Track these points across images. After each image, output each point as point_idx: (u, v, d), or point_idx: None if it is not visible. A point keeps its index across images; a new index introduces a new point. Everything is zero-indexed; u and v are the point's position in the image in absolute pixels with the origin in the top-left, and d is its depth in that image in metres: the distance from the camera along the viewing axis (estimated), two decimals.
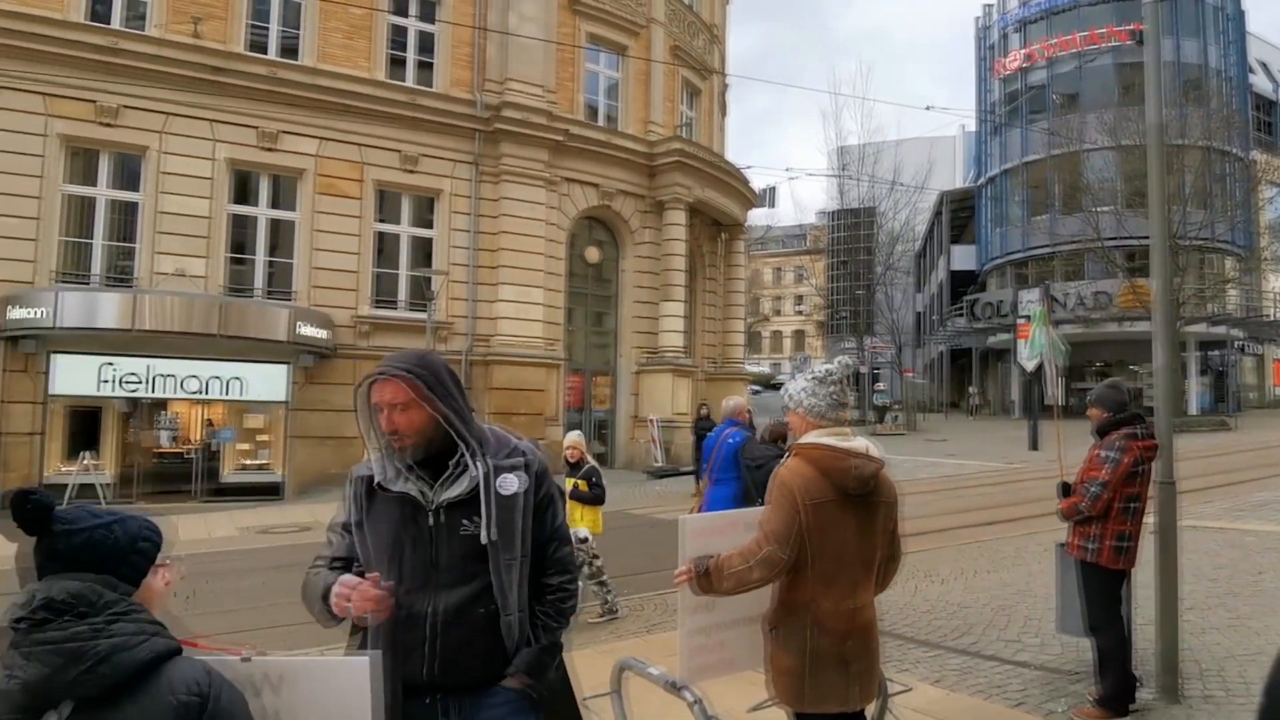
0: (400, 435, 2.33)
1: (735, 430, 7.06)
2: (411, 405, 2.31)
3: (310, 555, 2.57)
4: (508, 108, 20.95)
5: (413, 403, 2.31)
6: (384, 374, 2.34)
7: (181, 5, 18.05)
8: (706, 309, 27.10)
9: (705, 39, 27.59)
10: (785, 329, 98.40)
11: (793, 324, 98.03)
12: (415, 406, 2.32)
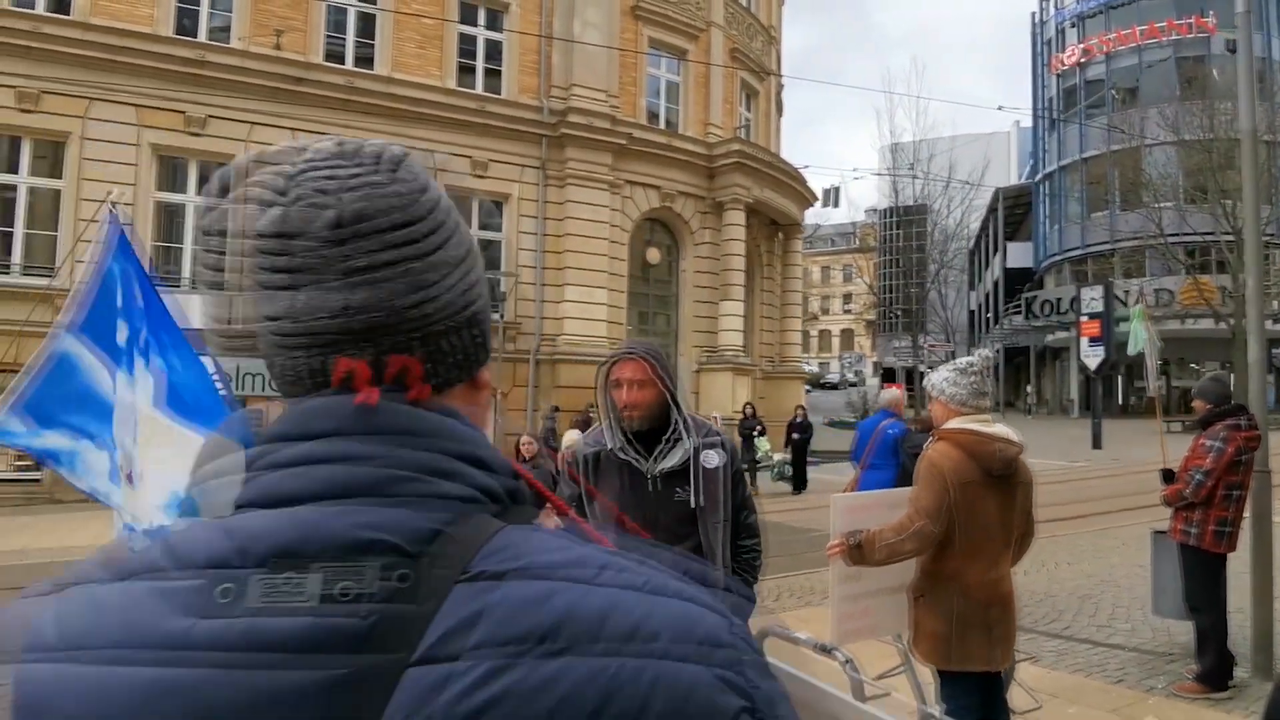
0: (632, 407, 2.77)
1: (893, 421, 7.42)
2: (647, 383, 2.75)
3: None
4: (572, 113, 21.44)
5: (648, 380, 2.74)
6: (629, 354, 2.78)
7: (263, 18, 18.81)
8: (764, 308, 27.35)
9: (763, 40, 27.85)
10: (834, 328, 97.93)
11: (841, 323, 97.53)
12: (650, 384, 2.75)
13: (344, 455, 0.58)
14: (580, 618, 0.52)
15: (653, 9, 23.37)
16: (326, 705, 0.49)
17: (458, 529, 0.56)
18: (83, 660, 0.50)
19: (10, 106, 16.86)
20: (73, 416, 3.46)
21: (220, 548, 0.54)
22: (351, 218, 0.60)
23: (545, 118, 21.48)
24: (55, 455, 3.51)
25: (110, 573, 0.56)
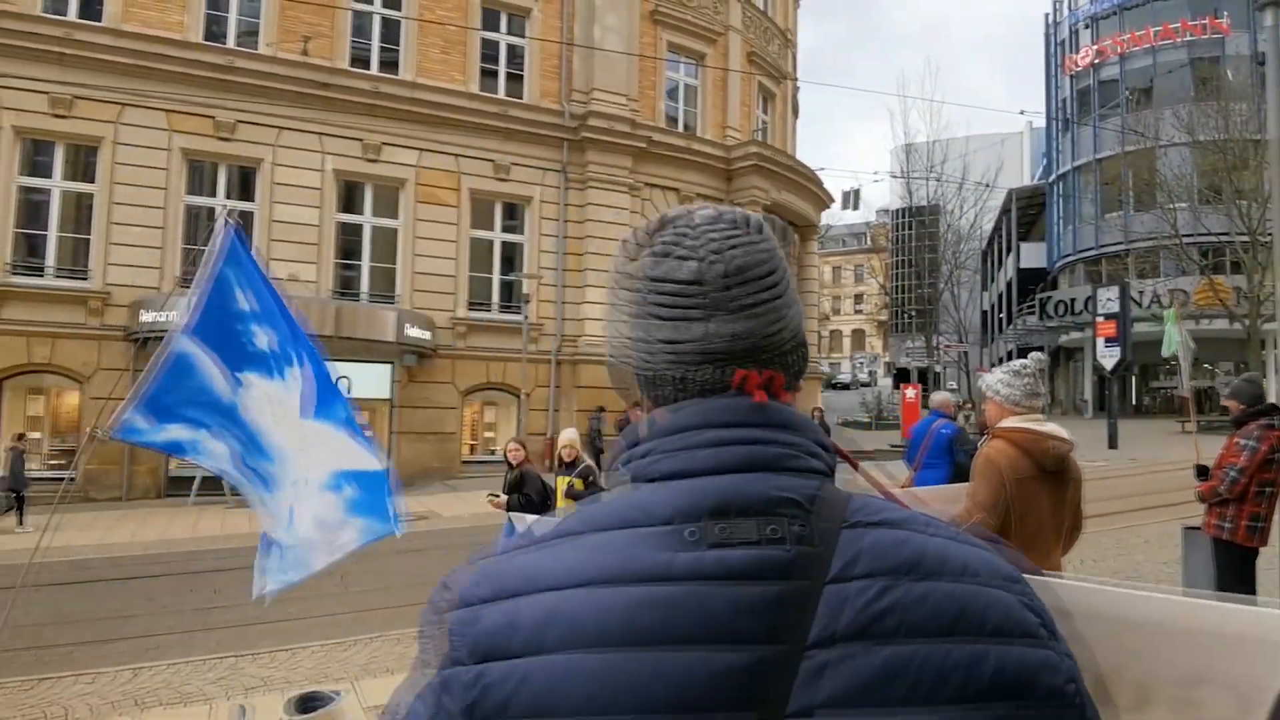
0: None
1: (946, 422, 7.67)
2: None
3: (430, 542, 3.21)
4: (593, 117, 21.69)
5: None
6: None
7: (290, 24, 19.11)
8: None
9: (779, 44, 28.05)
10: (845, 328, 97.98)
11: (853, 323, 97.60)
12: None
13: (750, 439, 0.80)
14: (929, 556, 0.74)
15: (671, 13, 23.60)
16: (775, 613, 0.71)
17: (825, 493, 0.80)
18: (594, 584, 0.72)
19: (44, 112, 17.21)
20: (189, 410, 3.70)
21: (678, 504, 0.76)
22: (736, 270, 0.83)
23: (566, 121, 21.74)
24: (179, 446, 3.77)
25: (588, 528, 0.78)
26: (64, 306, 17.16)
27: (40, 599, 9.47)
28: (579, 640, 0.69)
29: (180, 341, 3.74)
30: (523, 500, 7.88)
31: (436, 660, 0.73)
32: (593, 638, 0.69)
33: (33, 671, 6.27)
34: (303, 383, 3.76)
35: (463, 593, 0.75)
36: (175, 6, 18.29)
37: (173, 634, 7.47)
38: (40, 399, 17.79)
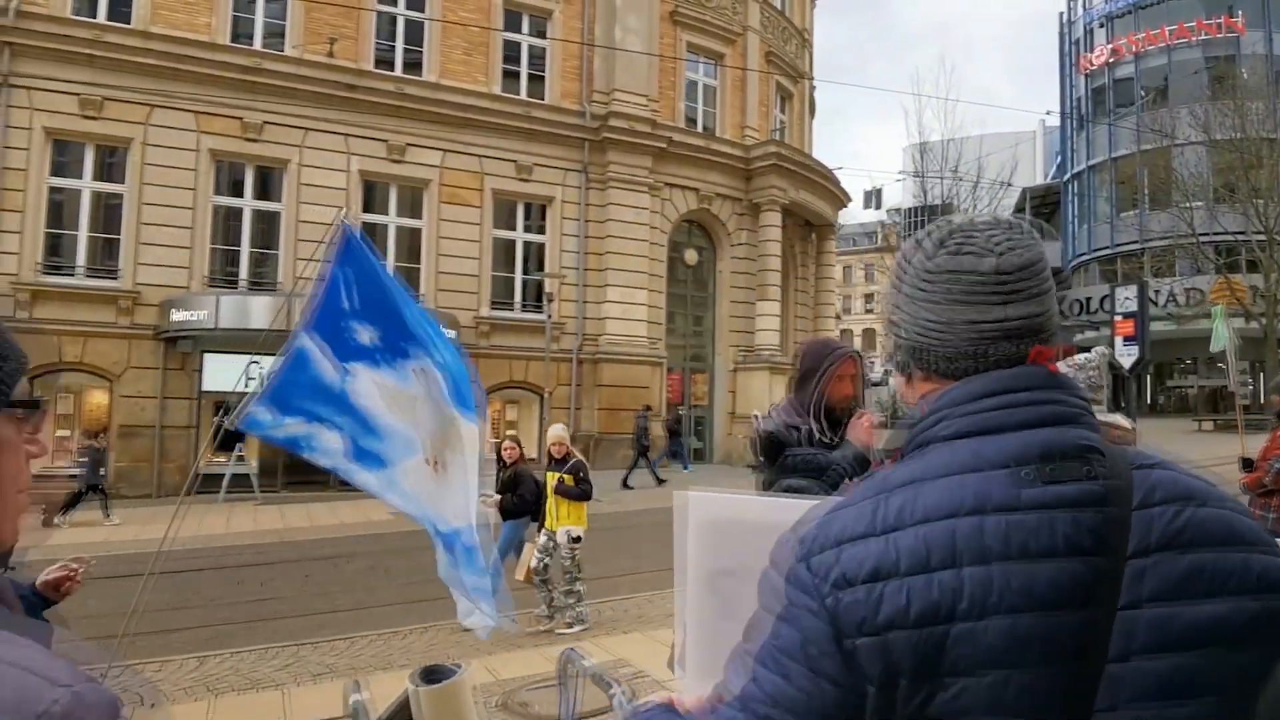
0: (848, 399, 3.16)
1: None
2: (857, 377, 3.14)
3: None
4: (614, 117, 21.84)
5: (858, 375, 3.14)
6: (853, 353, 3.19)
7: (316, 26, 19.31)
8: (797, 308, 27.66)
9: (796, 43, 28.16)
10: (855, 327, 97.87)
11: (864, 322, 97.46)
12: (858, 379, 3.15)
13: (1054, 400, 0.98)
14: (1198, 489, 0.95)
15: (691, 14, 23.74)
16: (1102, 532, 0.90)
17: (1102, 441, 0.96)
18: (959, 515, 0.90)
19: (74, 113, 17.43)
20: (306, 403, 3.88)
21: (1011, 451, 0.94)
22: (1026, 264, 0.99)
23: (587, 122, 21.90)
24: (295, 441, 3.94)
25: (925, 476, 0.94)
26: (94, 306, 17.38)
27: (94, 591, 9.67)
28: (961, 559, 0.88)
29: (300, 337, 3.92)
30: (516, 500, 7.88)
31: (783, 603, 0.92)
32: (974, 556, 0.88)
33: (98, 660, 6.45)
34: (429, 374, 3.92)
35: (817, 540, 0.93)
36: (203, 8, 18.50)
37: (229, 625, 7.64)
38: (70, 397, 18.02)
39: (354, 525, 14.58)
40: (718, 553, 1.28)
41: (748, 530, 1.20)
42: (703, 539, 1.30)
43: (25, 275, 16.91)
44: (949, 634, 0.85)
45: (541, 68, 22.16)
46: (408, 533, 12.54)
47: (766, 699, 0.89)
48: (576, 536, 7.34)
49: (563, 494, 7.39)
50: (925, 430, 1.00)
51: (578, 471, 7.48)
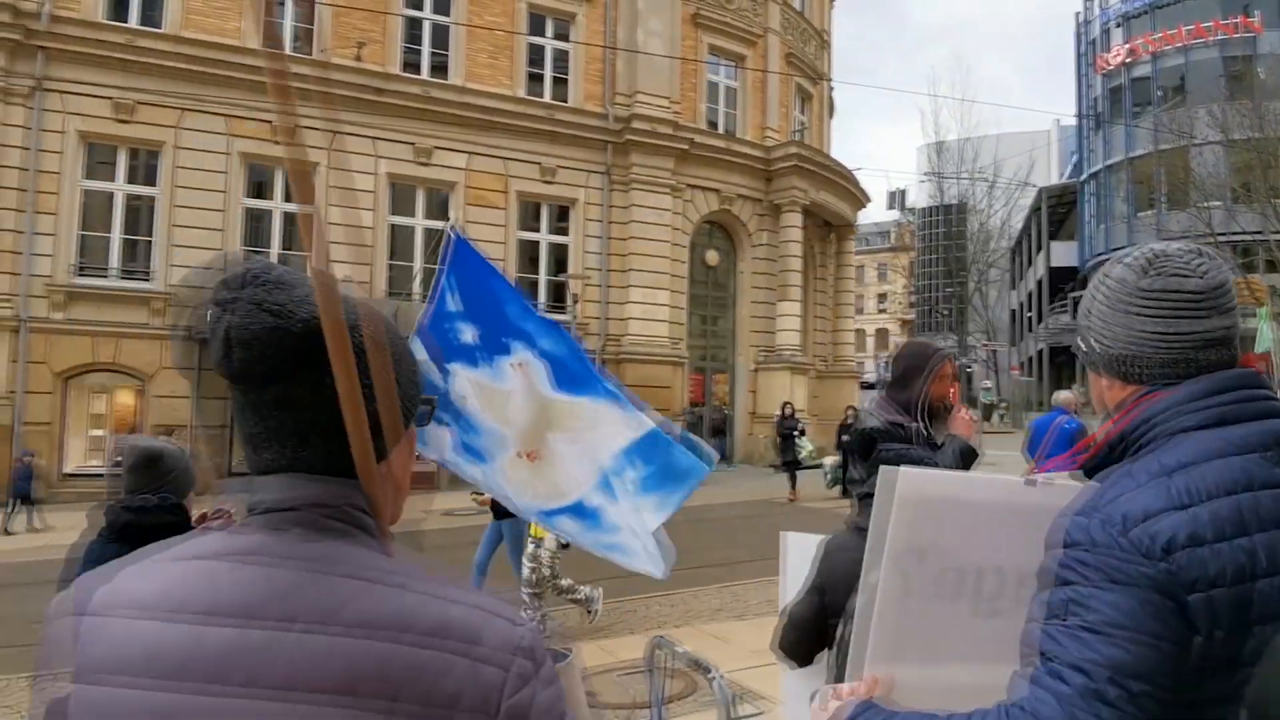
0: (946, 397, 3.30)
1: (1069, 417, 8.10)
2: (954, 377, 3.30)
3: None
4: (636, 119, 21.99)
5: (955, 375, 3.29)
6: (950, 354, 3.34)
7: (344, 30, 19.51)
8: (816, 308, 27.74)
9: (815, 44, 28.25)
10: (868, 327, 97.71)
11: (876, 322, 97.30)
12: (955, 378, 3.31)
13: (1268, 396, 1.16)
14: None
15: (713, 16, 23.87)
16: None
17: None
18: (1236, 492, 1.06)
19: (107, 117, 17.67)
20: None
21: (1253, 439, 1.11)
22: (1222, 282, 1.19)
23: (610, 124, 22.05)
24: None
25: (1192, 461, 1.10)
26: (127, 307, 17.62)
27: None
28: (1249, 527, 1.06)
29: (412, 340, 4.09)
30: None
31: (1100, 576, 1.06)
32: (1259, 524, 1.06)
33: None
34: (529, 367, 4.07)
35: (1128, 517, 1.08)
36: (233, 13, 18.72)
37: None
38: (103, 397, 18.26)
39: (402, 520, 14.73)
40: (912, 530, 1.31)
41: (951, 507, 1.28)
42: (902, 515, 1.31)
43: (59, 277, 17.16)
44: (1254, 589, 1.03)
45: (565, 70, 22.32)
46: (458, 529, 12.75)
47: (1109, 666, 1.01)
48: (565, 544, 7.14)
49: None
50: (1159, 425, 1.16)
51: None
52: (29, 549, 12.67)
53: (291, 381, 0.87)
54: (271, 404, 0.88)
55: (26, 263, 16.82)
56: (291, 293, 0.90)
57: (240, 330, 0.87)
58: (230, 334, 0.87)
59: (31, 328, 16.81)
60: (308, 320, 0.87)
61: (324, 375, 0.86)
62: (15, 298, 16.75)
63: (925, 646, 1.31)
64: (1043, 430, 8.05)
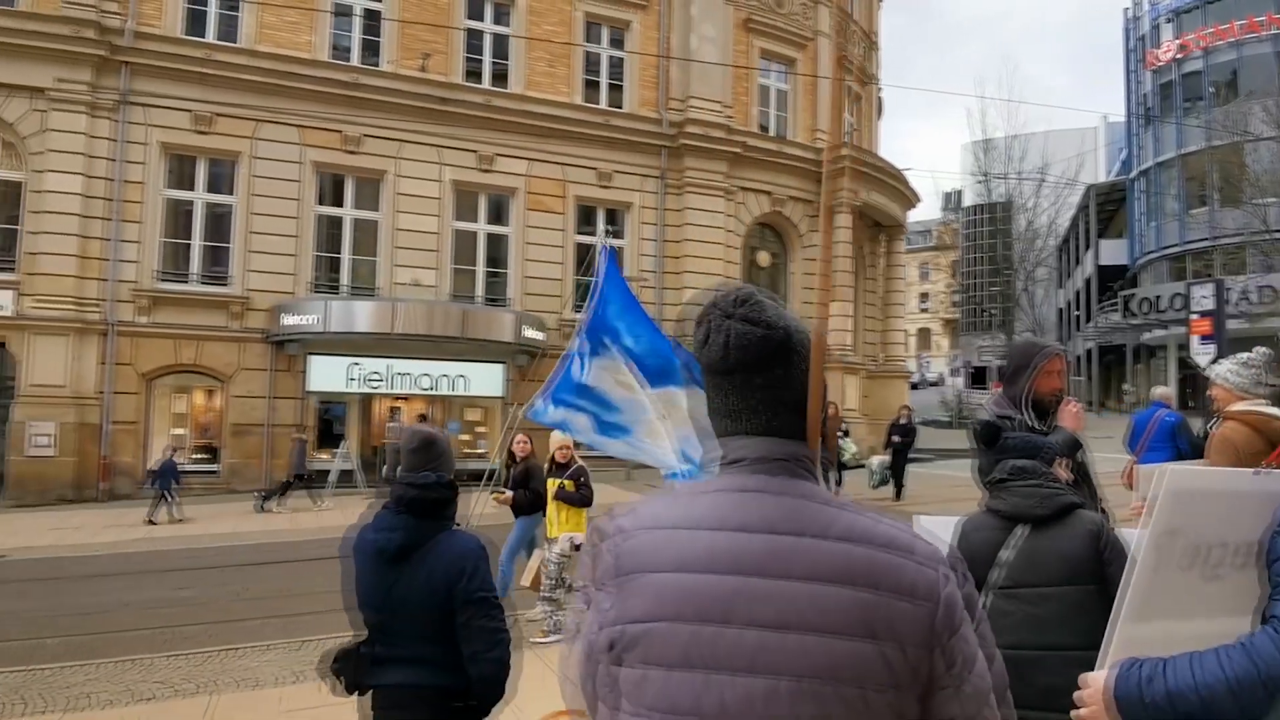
0: (1057, 391, 3.65)
1: (1169, 411, 8.44)
2: (1063, 372, 3.66)
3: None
4: (690, 124, 22.40)
5: (1064, 371, 3.65)
6: (1059, 351, 3.68)
7: (409, 42, 20.14)
8: (866, 308, 27.93)
9: (865, 46, 28.45)
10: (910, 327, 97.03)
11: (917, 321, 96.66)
12: (1064, 374, 3.67)
13: None
14: None
15: (764, 21, 24.20)
16: None
17: None
18: None
19: (187, 129, 18.46)
20: (564, 394, 4.59)
21: None
22: None
23: (664, 129, 22.48)
24: (560, 424, 4.67)
25: None
26: (208, 311, 18.39)
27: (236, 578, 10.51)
28: None
29: (572, 343, 4.61)
30: (529, 495, 7.77)
31: None
32: None
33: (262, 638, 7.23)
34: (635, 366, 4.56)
35: None
36: (304, 26, 19.43)
37: None
38: (184, 397, 19.03)
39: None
40: (1171, 514, 1.65)
41: (1200, 494, 1.67)
42: (1165, 504, 1.65)
43: (144, 282, 17.96)
44: None
45: (620, 77, 22.79)
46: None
47: None
48: (578, 545, 7.02)
49: (563, 499, 7.27)
50: None
51: (579, 477, 7.34)
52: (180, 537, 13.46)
53: (770, 372, 1.28)
54: (755, 387, 1.28)
55: (113, 269, 17.64)
56: (768, 312, 1.28)
57: (739, 337, 1.26)
58: (730, 339, 1.27)
59: (119, 331, 17.62)
60: (782, 331, 1.27)
61: (789, 369, 1.28)
62: (103, 302, 17.57)
63: (1166, 608, 1.69)
64: (1144, 424, 8.34)
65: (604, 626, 1.21)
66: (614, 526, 1.28)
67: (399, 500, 2.72)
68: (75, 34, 17.43)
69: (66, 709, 5.67)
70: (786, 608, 1.13)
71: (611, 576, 1.23)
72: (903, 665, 1.12)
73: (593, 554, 1.29)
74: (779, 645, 1.12)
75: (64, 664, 6.63)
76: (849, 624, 1.12)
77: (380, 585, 2.70)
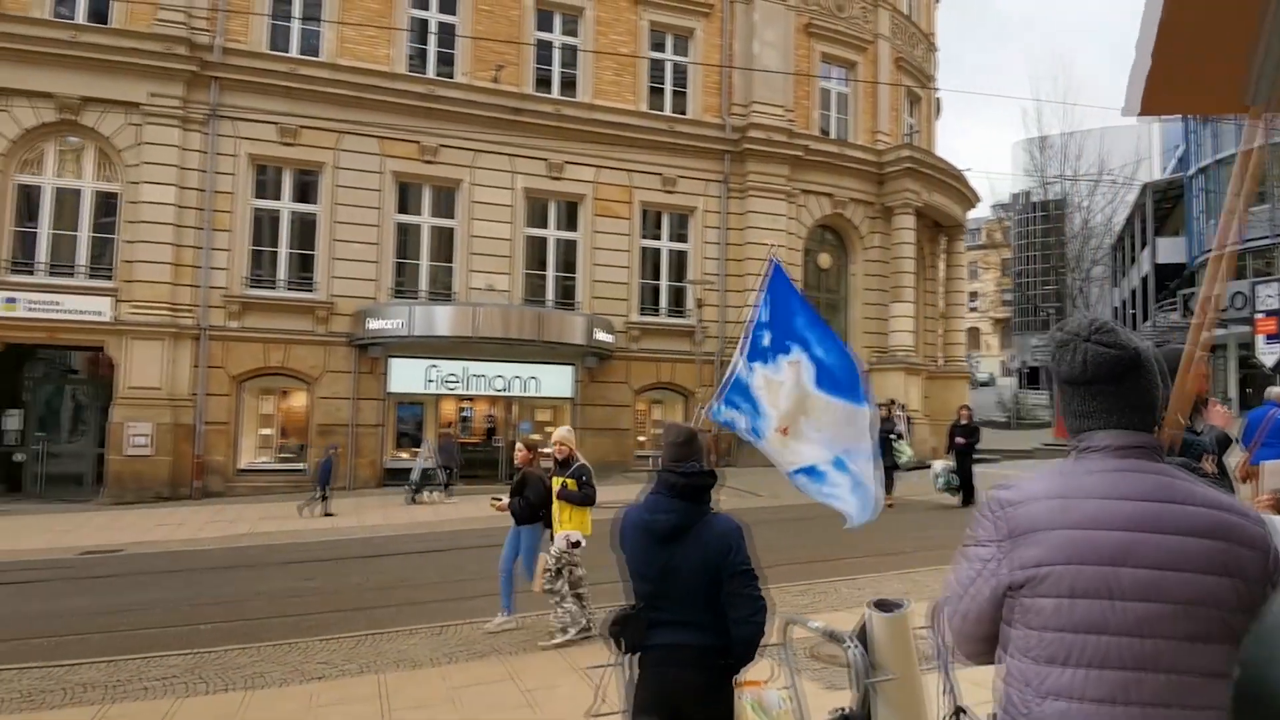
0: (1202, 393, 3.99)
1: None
2: (1207, 375, 4.00)
3: None
4: (753, 129, 22.75)
5: (1207, 374, 4.00)
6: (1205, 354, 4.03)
7: (483, 54, 20.74)
8: (926, 308, 28.04)
9: (923, 48, 28.57)
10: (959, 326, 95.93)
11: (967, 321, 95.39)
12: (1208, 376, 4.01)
13: None
14: None
15: (825, 25, 24.48)
16: None
17: None
18: None
19: (273, 140, 19.22)
20: (732, 395, 5.07)
21: None
22: None
23: (727, 134, 22.86)
24: (727, 422, 5.13)
25: None
26: (294, 315, 19.14)
27: (349, 569, 11.09)
28: None
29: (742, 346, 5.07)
30: (522, 504, 7.65)
31: None
32: None
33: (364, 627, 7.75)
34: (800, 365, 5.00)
35: None
36: (382, 41, 20.12)
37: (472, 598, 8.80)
38: (271, 398, 19.81)
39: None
40: None
41: None
42: None
43: (234, 288, 18.75)
44: None
45: (684, 84, 23.21)
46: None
47: None
48: (576, 541, 7.11)
49: (565, 498, 7.20)
50: None
51: (581, 475, 7.25)
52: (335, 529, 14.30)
53: (1120, 383, 1.69)
54: (1107, 394, 1.70)
55: (205, 276, 18.46)
56: (1120, 336, 1.70)
57: (1095, 356, 1.68)
58: (1087, 358, 1.68)
59: (210, 335, 18.43)
60: (1133, 351, 1.68)
61: (1138, 380, 1.69)
62: (196, 308, 18.39)
63: None
64: (1257, 422, 8.57)
65: (1011, 570, 1.63)
66: (1001, 500, 1.70)
67: (671, 487, 3.17)
68: (167, 50, 18.28)
69: (247, 687, 6.21)
70: (1166, 554, 1.54)
71: (1006, 536, 1.65)
72: (1246, 595, 1.52)
73: (991, 519, 1.69)
74: (1163, 581, 1.53)
75: (226, 647, 7.19)
76: (1211, 566, 1.53)
77: (654, 560, 3.13)
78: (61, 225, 18.16)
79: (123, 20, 18.50)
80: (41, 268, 17.94)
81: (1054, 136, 45.45)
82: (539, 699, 5.80)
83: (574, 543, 7.08)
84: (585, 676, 5.94)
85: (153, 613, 8.81)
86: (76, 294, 17.86)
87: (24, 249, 17.93)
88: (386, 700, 5.85)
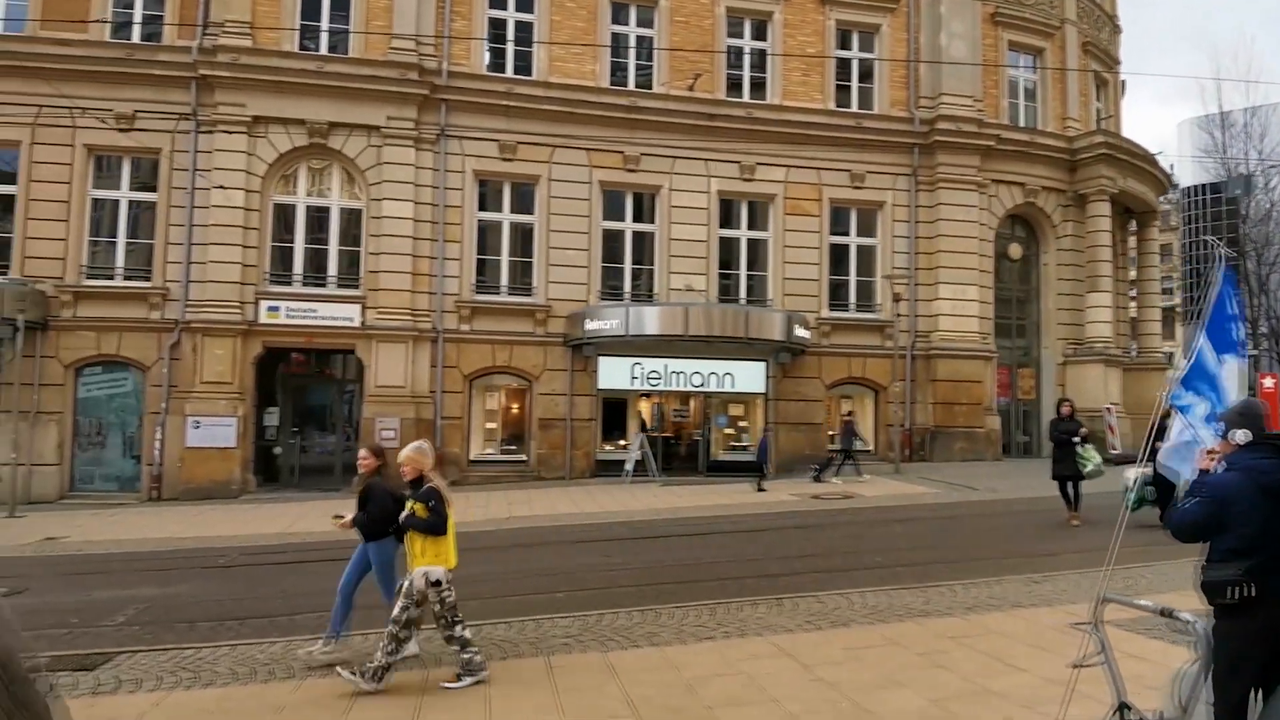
0: None
1: None
2: None
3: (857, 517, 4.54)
4: (941, 120, 22.87)
5: None
6: None
7: (678, 63, 21.72)
8: (1118, 297, 27.32)
9: (1109, 30, 27.86)
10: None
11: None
12: None
13: None
14: None
15: (1011, 13, 24.32)
16: None
17: None
18: None
19: (494, 156, 20.74)
20: (1195, 382, 5.56)
21: None
22: None
23: (915, 127, 23.06)
24: (1185, 408, 5.63)
25: None
26: (516, 318, 20.62)
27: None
28: None
29: (1198, 338, 5.60)
30: (364, 519, 6.65)
31: None
32: None
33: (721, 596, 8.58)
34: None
35: None
36: (588, 57, 21.37)
37: (827, 572, 9.56)
38: (494, 395, 21.35)
39: (785, 502, 16.53)
40: None
41: None
42: None
43: (464, 294, 20.38)
44: None
45: (870, 80, 23.55)
46: (776, 514, 14.32)
47: None
48: (435, 580, 5.97)
49: (410, 526, 6.06)
50: None
51: (429, 500, 6.03)
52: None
53: None
54: None
55: (439, 283, 20.14)
56: None
57: None
58: None
59: (446, 338, 20.10)
60: None
61: None
62: (432, 313, 20.09)
63: None
64: None
65: None
66: None
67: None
68: (402, 76, 20.02)
69: (652, 644, 6.93)
70: None
71: None
72: None
73: None
74: None
75: (635, 609, 7.88)
76: None
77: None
78: (312, 239, 20.20)
79: (360, 50, 20.35)
80: (297, 279, 19.98)
81: (1235, 113, 43.05)
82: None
83: (434, 582, 5.95)
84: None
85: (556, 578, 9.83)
86: (329, 302, 19.82)
87: (282, 262, 20.01)
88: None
